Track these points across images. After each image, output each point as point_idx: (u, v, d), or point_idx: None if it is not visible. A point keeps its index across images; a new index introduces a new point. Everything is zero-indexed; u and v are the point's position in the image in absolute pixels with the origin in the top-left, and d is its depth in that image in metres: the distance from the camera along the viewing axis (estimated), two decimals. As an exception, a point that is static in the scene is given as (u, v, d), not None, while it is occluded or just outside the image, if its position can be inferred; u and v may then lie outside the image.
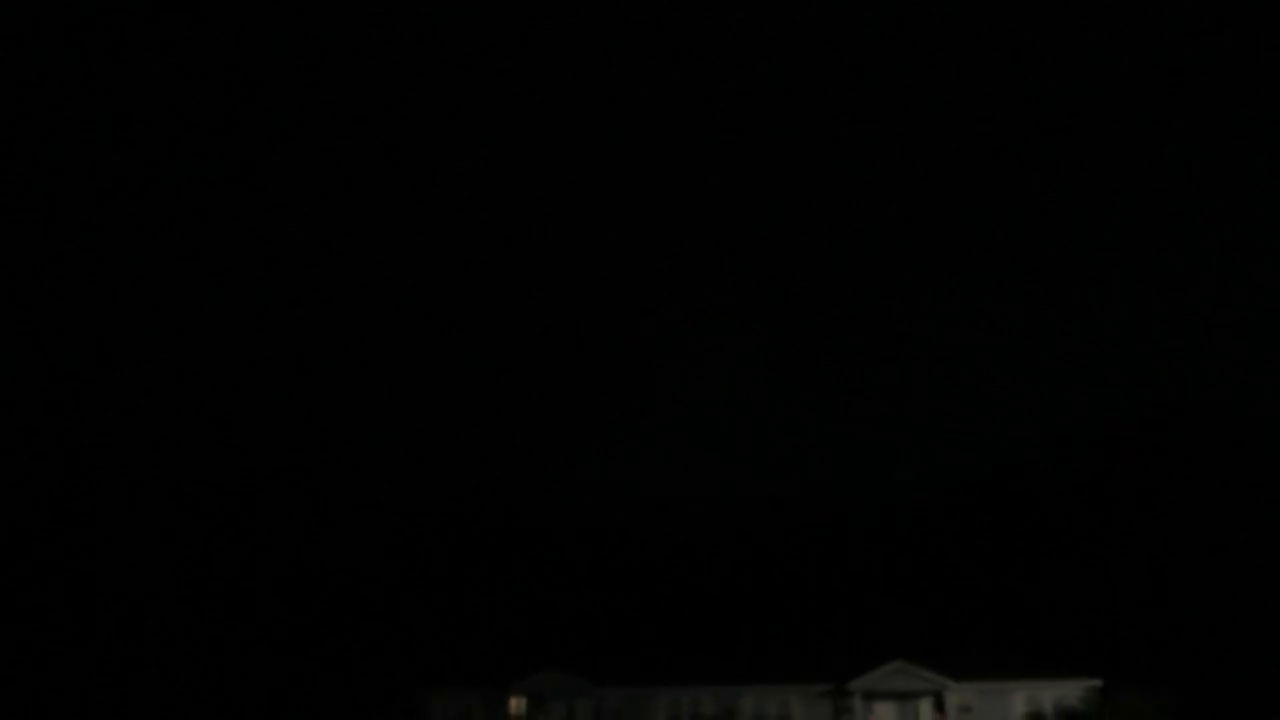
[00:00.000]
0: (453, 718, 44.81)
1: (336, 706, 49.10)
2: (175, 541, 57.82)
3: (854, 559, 68.83)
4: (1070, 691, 40.68)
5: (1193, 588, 54.10)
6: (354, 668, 52.85)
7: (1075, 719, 38.14)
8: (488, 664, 49.14)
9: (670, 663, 47.30)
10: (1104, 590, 57.38)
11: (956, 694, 41.05)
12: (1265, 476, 58.84)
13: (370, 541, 69.35)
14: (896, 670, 40.90)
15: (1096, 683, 40.67)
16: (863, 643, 45.80)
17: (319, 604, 60.35)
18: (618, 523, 72.49)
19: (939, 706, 41.01)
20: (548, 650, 49.69)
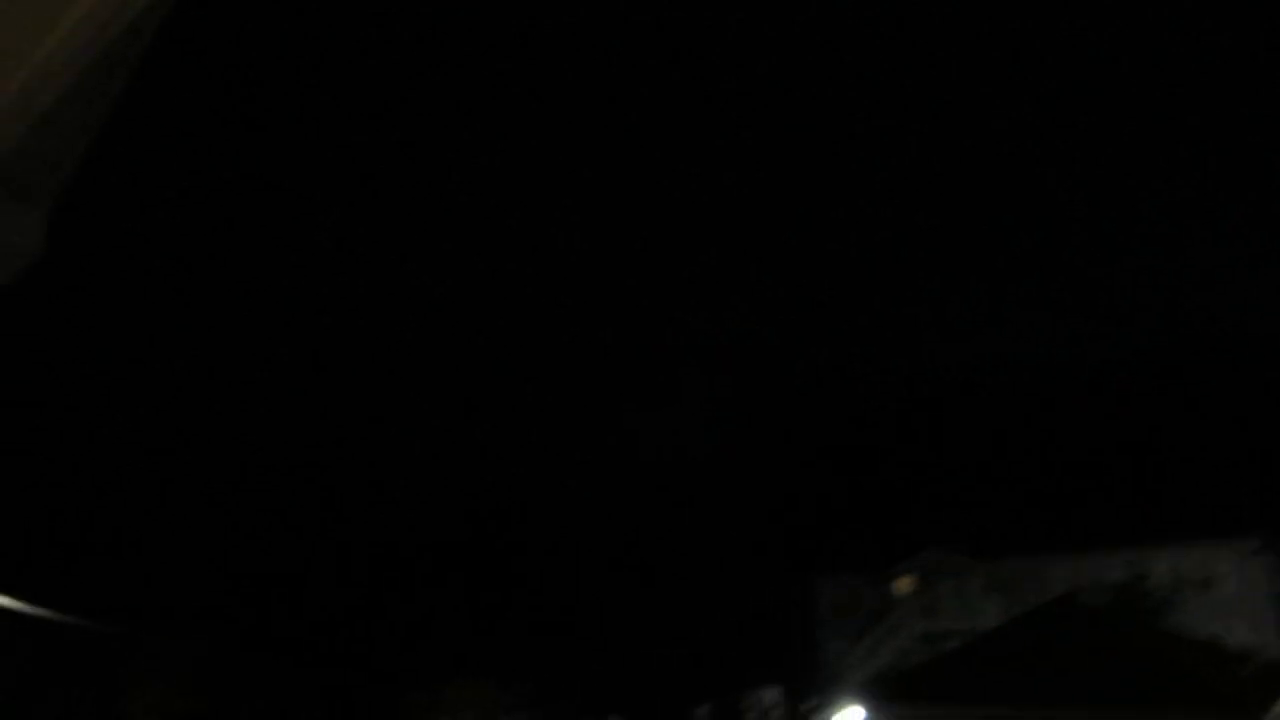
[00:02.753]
0: (841, 602, 45.67)
1: (732, 598, 52.30)
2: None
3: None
4: None
5: None
6: (743, 558, 55.76)
7: None
8: (872, 546, 49.16)
9: (1068, 528, 43.70)
10: None
11: None
12: None
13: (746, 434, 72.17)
14: (1359, 513, 33.97)
15: None
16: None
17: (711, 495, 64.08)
18: (988, 387, 67.92)
19: None
20: (933, 527, 48.45)
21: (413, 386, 68.50)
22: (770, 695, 45.11)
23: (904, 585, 43.30)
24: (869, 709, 28.55)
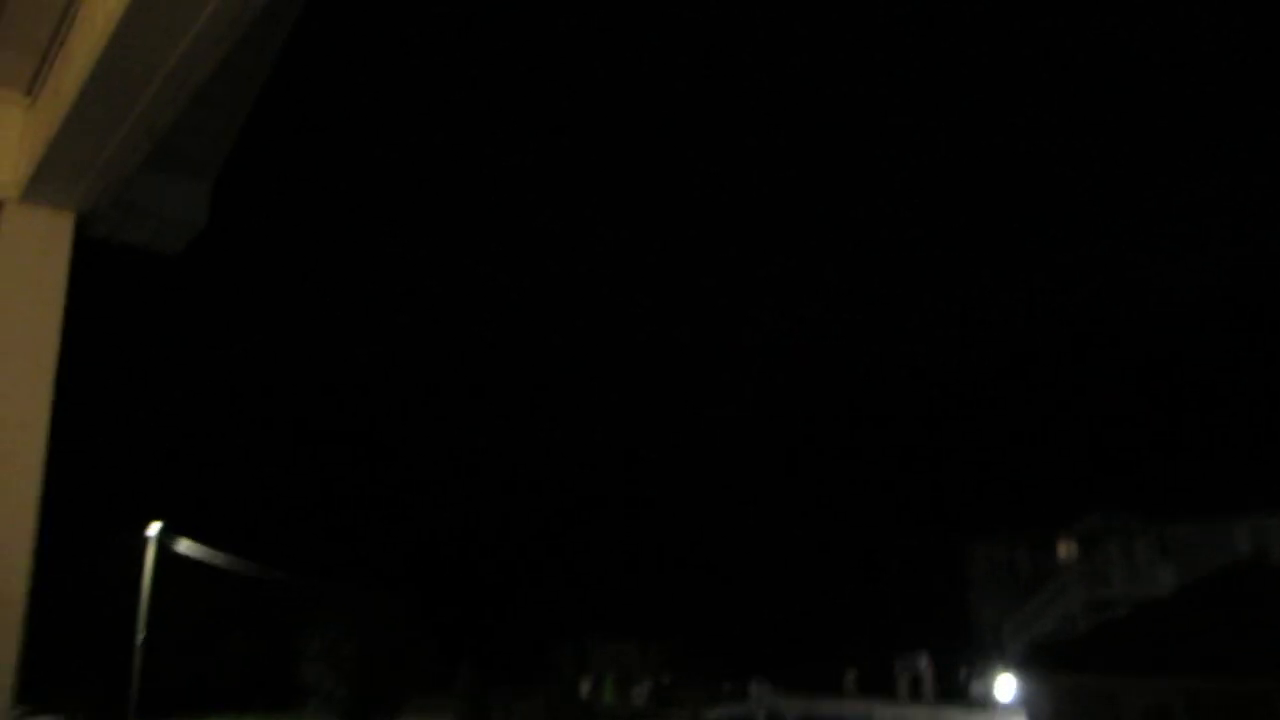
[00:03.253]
0: (998, 567, 43.92)
1: (878, 556, 51.29)
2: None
3: None
4: None
5: None
6: (892, 521, 54.56)
7: None
8: (1030, 509, 46.93)
9: (1252, 486, 40.24)
10: None
11: None
12: None
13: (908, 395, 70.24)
14: None
15: None
16: None
17: (875, 458, 62.63)
18: (1156, 330, 63.02)
19: None
20: (1096, 488, 45.78)
21: (570, 377, 71.23)
22: (922, 661, 43.99)
23: (1066, 550, 41.18)
24: (1028, 677, 27.42)
